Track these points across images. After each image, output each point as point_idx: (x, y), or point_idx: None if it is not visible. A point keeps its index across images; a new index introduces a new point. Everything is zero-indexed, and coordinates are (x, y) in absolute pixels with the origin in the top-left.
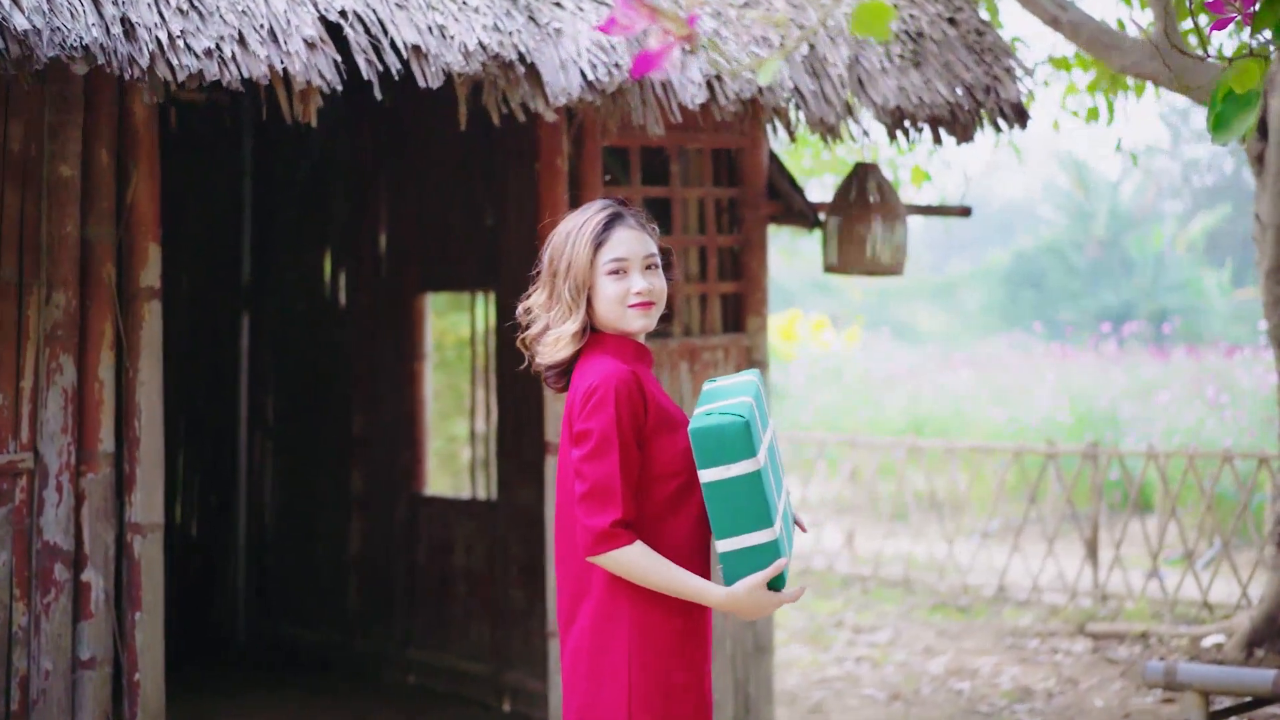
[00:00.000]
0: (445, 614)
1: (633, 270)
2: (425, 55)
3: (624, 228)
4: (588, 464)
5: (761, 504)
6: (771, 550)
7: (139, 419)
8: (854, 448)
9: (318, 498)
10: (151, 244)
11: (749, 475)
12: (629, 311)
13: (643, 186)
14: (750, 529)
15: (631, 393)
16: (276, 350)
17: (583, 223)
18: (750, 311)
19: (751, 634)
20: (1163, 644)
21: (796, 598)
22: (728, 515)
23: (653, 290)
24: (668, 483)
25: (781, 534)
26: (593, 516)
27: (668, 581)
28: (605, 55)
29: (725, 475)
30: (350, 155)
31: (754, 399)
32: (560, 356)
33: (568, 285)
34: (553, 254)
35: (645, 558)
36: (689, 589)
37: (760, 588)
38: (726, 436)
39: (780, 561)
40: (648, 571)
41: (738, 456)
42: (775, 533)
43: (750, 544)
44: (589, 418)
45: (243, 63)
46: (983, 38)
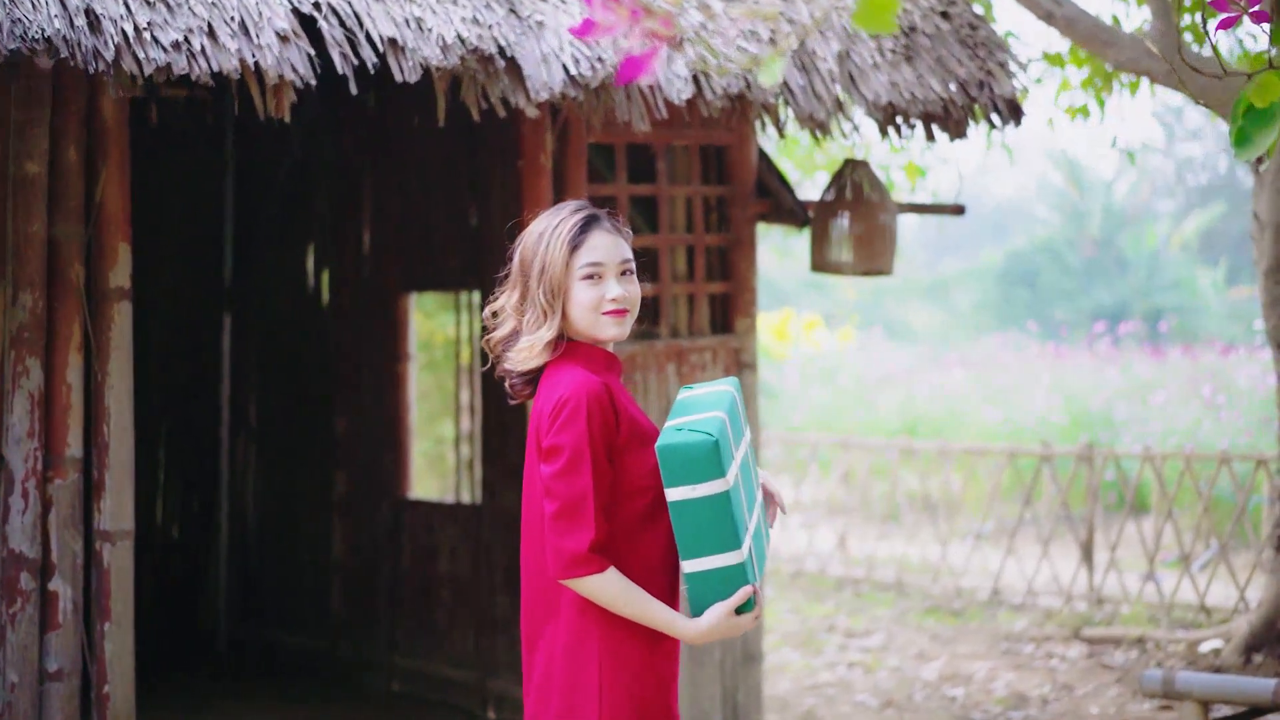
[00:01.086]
0: (429, 620)
1: (608, 276)
2: (402, 49)
3: (600, 231)
4: (559, 482)
5: (729, 526)
6: (738, 574)
7: (108, 423)
8: (847, 449)
9: (301, 501)
10: (121, 243)
11: (717, 496)
12: (603, 319)
13: (629, 184)
14: (717, 550)
15: (603, 406)
16: (259, 351)
17: (556, 224)
18: (739, 312)
19: (740, 642)
20: (1159, 649)
21: (758, 619)
22: (694, 535)
23: (628, 297)
24: (639, 498)
25: (750, 556)
26: (565, 538)
27: (639, 611)
28: (588, 50)
29: (692, 495)
30: (334, 153)
31: (727, 413)
32: (532, 364)
33: (542, 289)
34: (524, 255)
35: (618, 586)
36: (659, 619)
37: (729, 614)
38: (694, 456)
39: (746, 589)
40: (619, 600)
41: (705, 476)
42: (743, 555)
43: (716, 566)
44: (560, 432)
45: (212, 56)
46: (976, 32)
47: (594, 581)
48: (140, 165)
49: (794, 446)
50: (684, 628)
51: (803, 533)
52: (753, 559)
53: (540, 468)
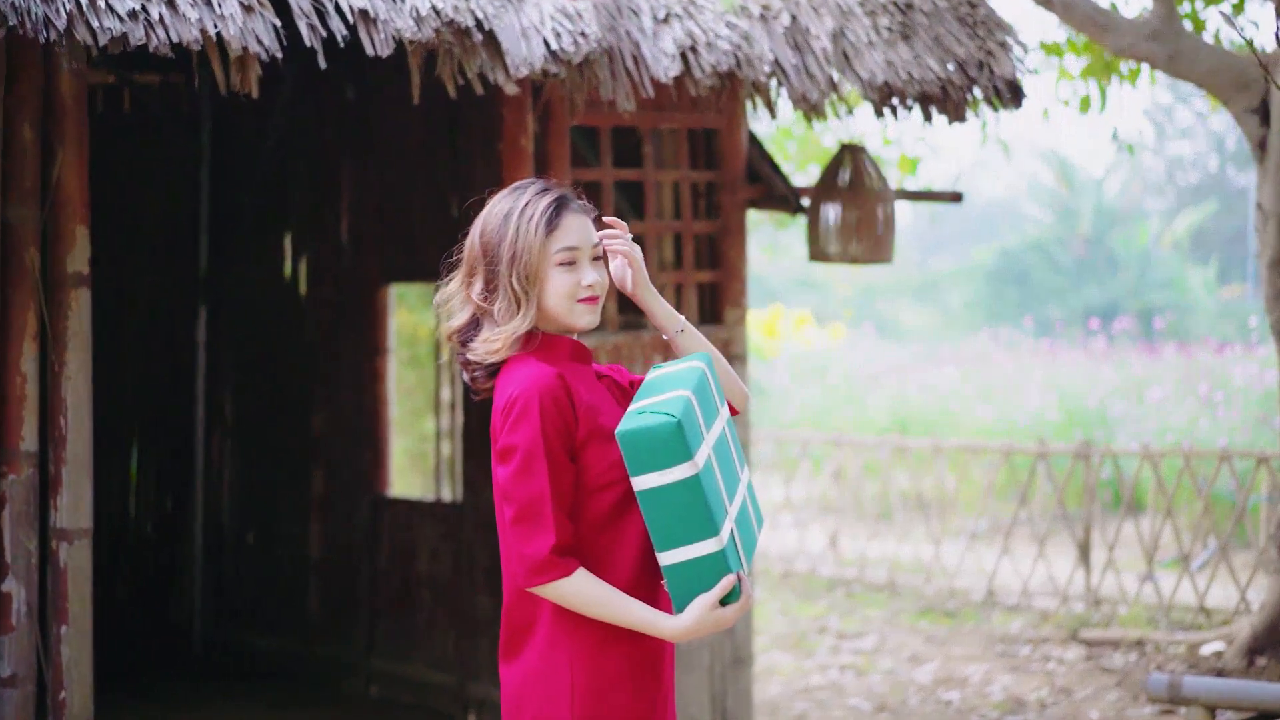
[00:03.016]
0: (409, 622)
1: (582, 261)
2: (373, 20)
3: (572, 213)
4: (514, 484)
5: (703, 511)
6: (717, 562)
7: (65, 416)
8: (839, 447)
9: (277, 498)
10: (79, 226)
11: (687, 481)
12: (578, 307)
13: (614, 169)
14: (693, 539)
15: (558, 399)
16: (235, 345)
17: (525, 204)
18: (728, 302)
19: (730, 644)
20: (1159, 651)
21: (747, 606)
22: (667, 525)
23: (602, 284)
24: (605, 495)
25: (731, 542)
26: (526, 544)
27: (615, 612)
28: (570, 23)
29: (660, 482)
30: (312, 140)
31: (694, 391)
32: (498, 358)
33: (515, 276)
34: (488, 238)
35: (589, 586)
36: (638, 619)
37: (712, 607)
38: (658, 439)
39: (728, 579)
40: (592, 601)
41: (671, 460)
42: (722, 542)
43: (694, 555)
44: (511, 432)
45: (171, 26)
46: (976, 10)
47: (562, 586)
48: (113, 154)
49: (784, 444)
50: (666, 626)
51: (793, 532)
52: (736, 544)
53: (496, 470)
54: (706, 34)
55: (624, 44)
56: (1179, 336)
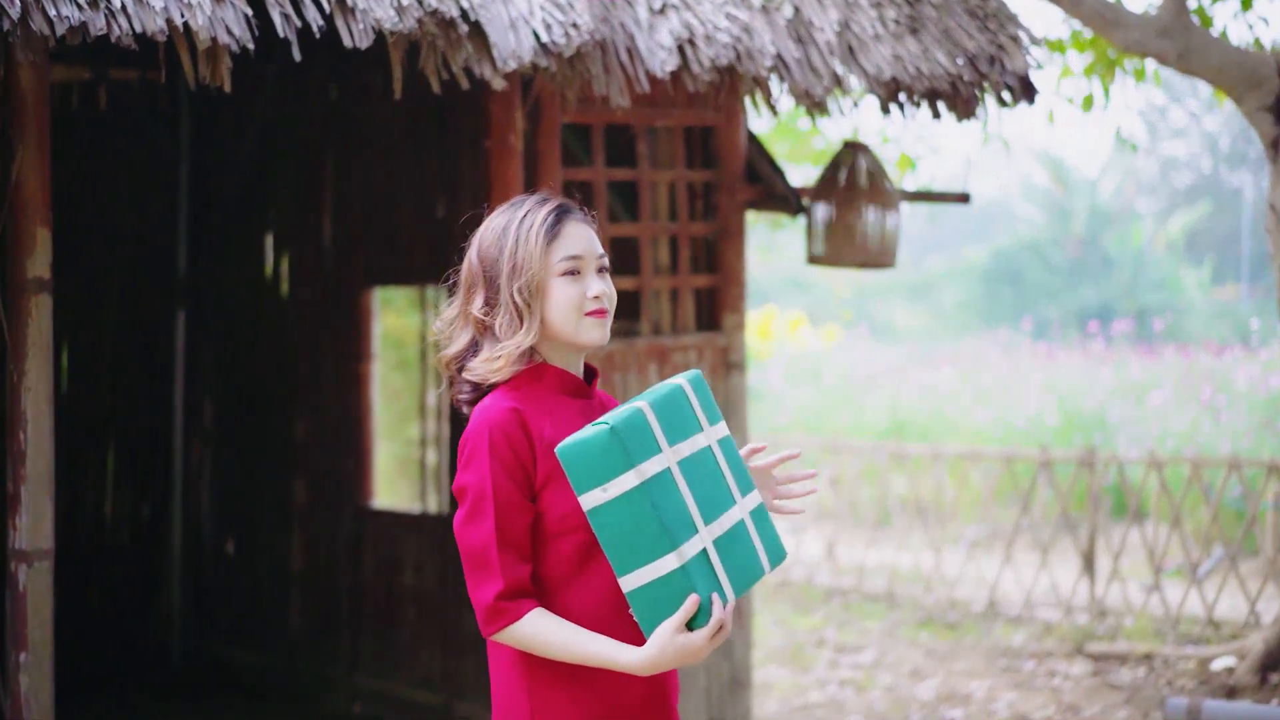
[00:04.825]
0: (393, 638)
1: (587, 271)
2: (351, 10)
3: (574, 221)
4: (464, 530)
5: (654, 526)
6: (678, 581)
7: (25, 430)
8: (835, 452)
9: (258, 508)
10: (40, 229)
11: (631, 493)
12: (585, 320)
13: (607, 168)
14: (649, 558)
15: (510, 436)
16: (215, 349)
17: (523, 215)
18: (726, 308)
19: (728, 666)
20: (1168, 667)
21: (722, 634)
22: (621, 547)
23: (608, 295)
24: (565, 542)
25: (702, 563)
26: (476, 592)
27: (575, 651)
28: (561, 14)
29: (603, 499)
30: (294, 138)
31: (653, 403)
32: (500, 377)
33: (517, 288)
34: (486, 253)
35: (545, 628)
36: (597, 655)
37: (676, 632)
38: (593, 452)
39: (691, 600)
40: (549, 643)
41: (611, 473)
42: (682, 558)
43: (654, 576)
44: (462, 472)
45: (135, 15)
46: (986, 2)
47: (515, 632)
48: (89, 152)
49: (779, 449)
50: (626, 659)
51: (789, 539)
52: (714, 568)
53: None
54: (705, 26)
55: (618, 36)
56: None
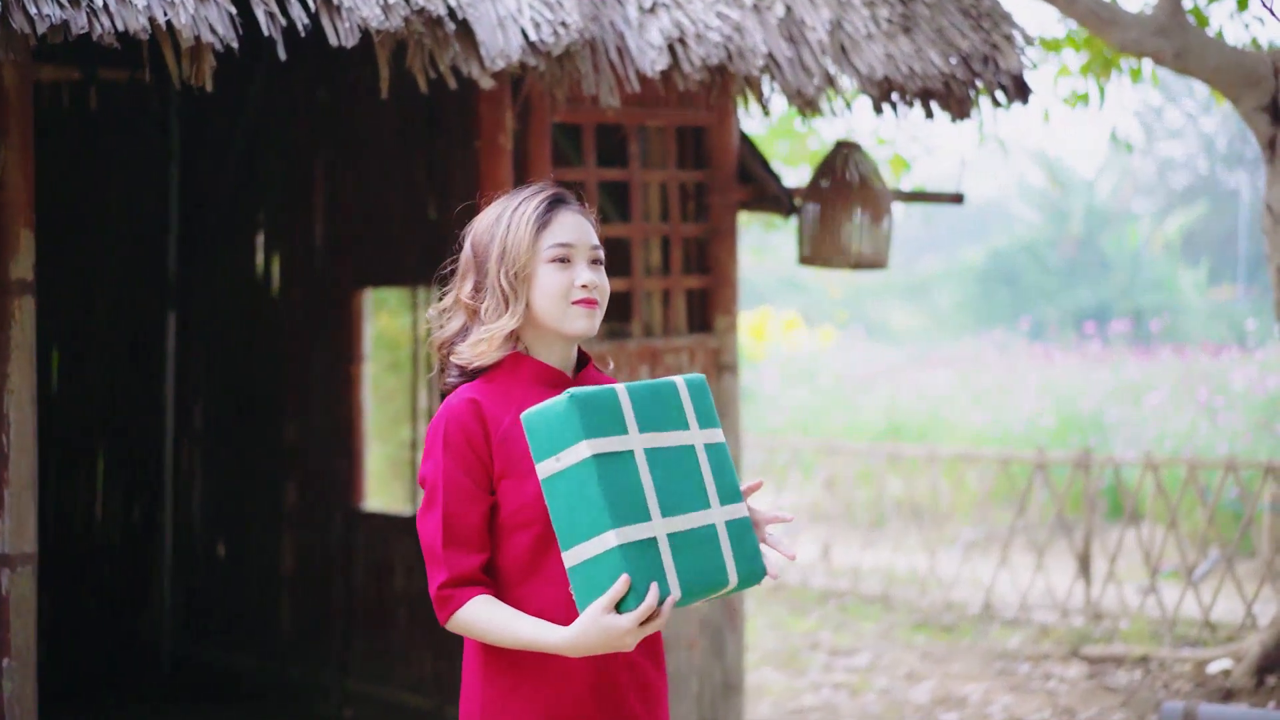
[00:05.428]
0: (385, 642)
1: (578, 260)
2: (337, 8)
3: (568, 211)
4: (419, 522)
5: (599, 501)
6: (612, 560)
7: (7, 434)
8: (830, 453)
9: (249, 511)
10: (24, 230)
11: (579, 465)
12: (572, 309)
13: (598, 168)
14: (589, 534)
15: (466, 428)
16: (206, 351)
17: (518, 203)
18: (718, 309)
19: (719, 670)
20: (1164, 669)
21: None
22: (566, 521)
23: (600, 286)
24: (522, 535)
25: (647, 551)
26: (429, 581)
27: (509, 635)
28: (550, 13)
29: (555, 468)
30: (285, 138)
31: (629, 389)
32: (488, 360)
33: (503, 272)
34: (478, 240)
35: (482, 613)
36: (527, 637)
37: (605, 613)
38: (551, 420)
39: (621, 580)
40: (489, 629)
41: (565, 443)
42: (622, 538)
43: (591, 553)
44: (422, 465)
45: (117, 14)
46: (980, 1)
47: (459, 619)
48: (80, 152)
49: (774, 451)
50: (552, 638)
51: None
52: (662, 559)
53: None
54: (696, 25)
55: (608, 35)
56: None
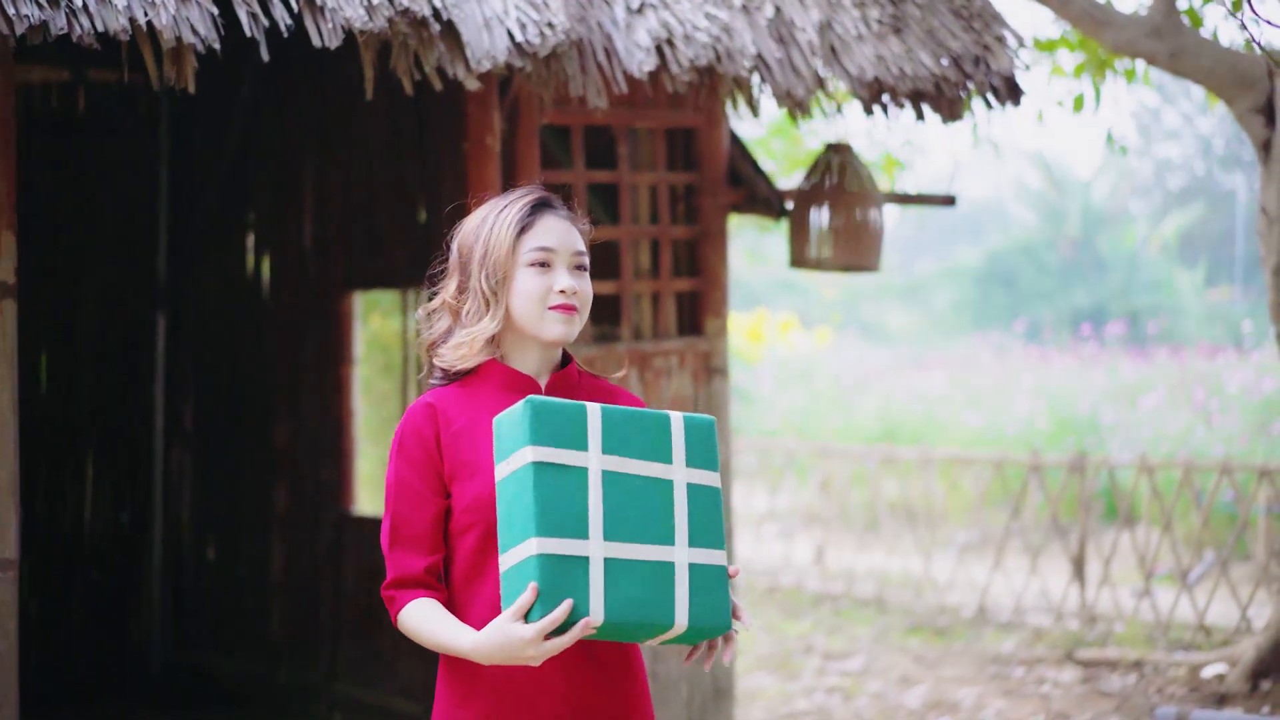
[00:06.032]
0: (375, 646)
1: (558, 265)
2: (320, 9)
3: (552, 215)
4: (381, 526)
5: (529, 508)
6: (527, 569)
7: None
8: (825, 456)
9: (239, 515)
10: (4, 231)
11: (523, 470)
12: (549, 314)
13: (587, 170)
14: (516, 541)
15: (419, 431)
16: (195, 353)
17: (503, 206)
18: (709, 312)
19: (710, 675)
20: (1159, 673)
21: (556, 625)
22: (505, 525)
23: (579, 293)
24: (468, 536)
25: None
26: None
27: (434, 637)
28: (536, 13)
29: (505, 472)
30: (275, 139)
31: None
32: (469, 363)
33: (484, 275)
34: (464, 242)
35: (418, 614)
36: (445, 639)
37: (510, 622)
38: (510, 423)
39: (530, 589)
40: (420, 631)
41: (515, 446)
42: (543, 548)
43: (514, 561)
44: (388, 467)
45: (97, 14)
46: (971, 2)
47: (401, 620)
48: (68, 153)
49: (769, 453)
50: (461, 641)
51: (779, 544)
52: (588, 577)
53: None
54: (684, 25)
55: (595, 36)
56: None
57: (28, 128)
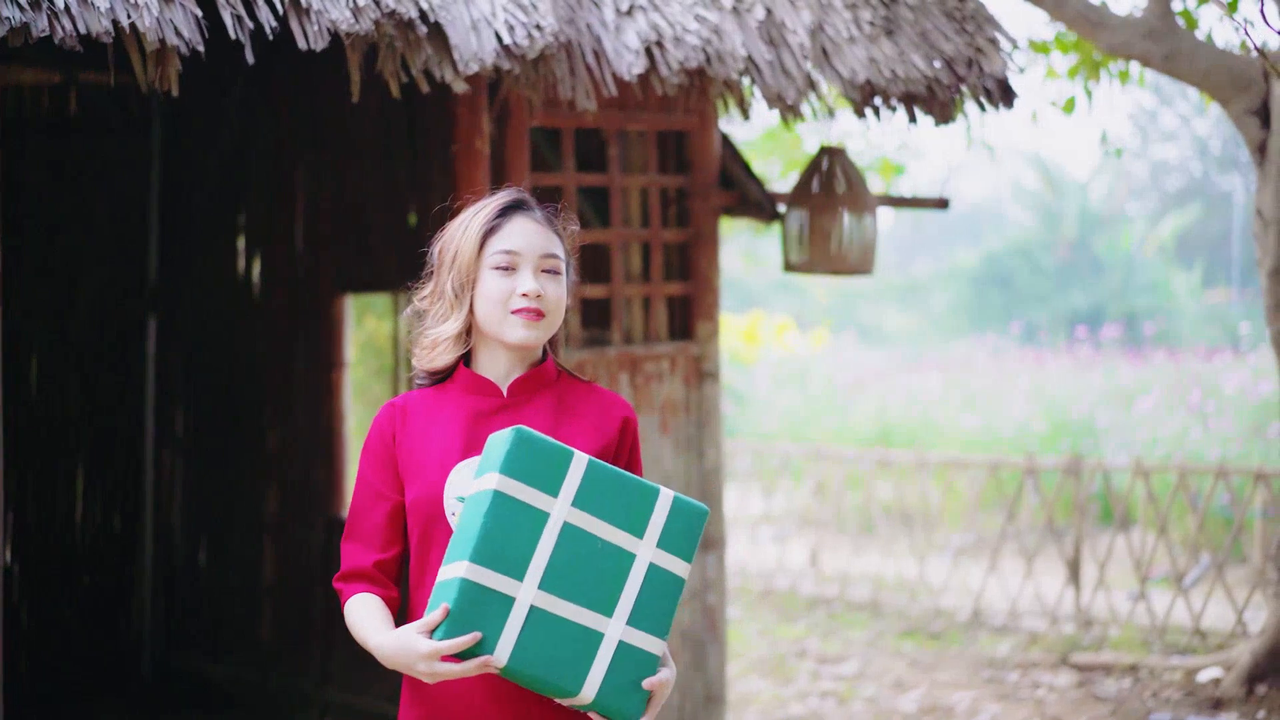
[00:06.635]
0: (366, 651)
1: (523, 267)
2: (306, 10)
3: (523, 217)
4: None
5: (474, 531)
6: (449, 589)
7: None
8: (820, 459)
9: (230, 519)
10: None
11: (483, 493)
12: (510, 318)
13: (577, 173)
14: (454, 557)
15: (381, 430)
16: (187, 357)
17: (478, 208)
18: (700, 316)
19: (701, 681)
20: (1154, 678)
21: (455, 651)
22: (455, 538)
23: (545, 297)
24: (412, 536)
25: (495, 599)
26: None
27: (359, 634)
28: (525, 15)
29: (474, 488)
30: (267, 141)
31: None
32: (437, 364)
33: (451, 278)
34: (441, 245)
35: (352, 609)
36: (361, 635)
37: (417, 633)
38: (495, 445)
39: (441, 608)
40: (351, 625)
41: (488, 468)
42: (469, 572)
43: (445, 577)
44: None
45: (79, 16)
46: (964, 4)
47: (344, 614)
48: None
49: (764, 456)
50: (371, 641)
51: (773, 547)
52: (507, 617)
53: None
54: (674, 27)
55: (584, 38)
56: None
57: (20, 130)
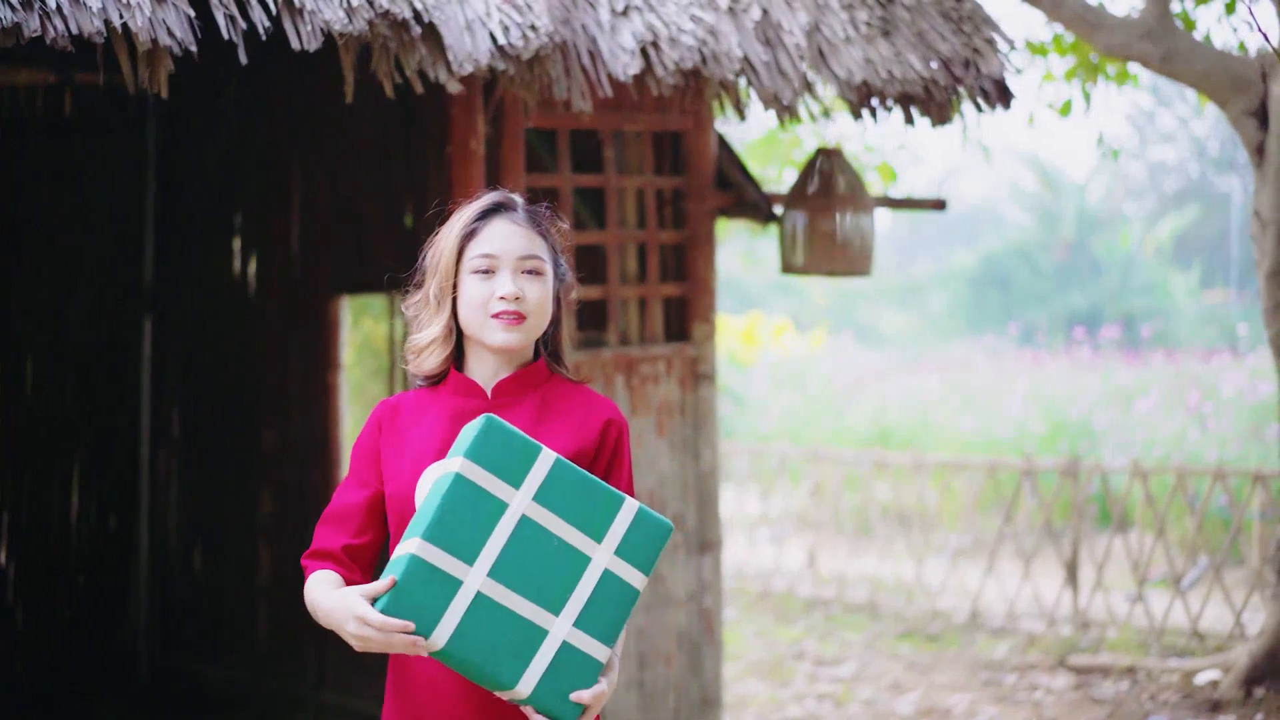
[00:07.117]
0: (360, 654)
1: (502, 270)
2: (299, 11)
3: (502, 220)
4: None
5: (431, 510)
6: (399, 564)
7: None
8: (817, 460)
9: (226, 520)
10: None
11: (446, 475)
12: (490, 321)
13: (573, 174)
14: (411, 534)
15: (370, 424)
16: (183, 358)
17: (460, 213)
18: (696, 317)
19: (697, 684)
20: (1152, 680)
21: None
22: (416, 515)
23: (524, 299)
24: (391, 532)
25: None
26: None
27: (311, 601)
28: (519, 16)
29: (439, 470)
30: (262, 143)
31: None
32: (426, 367)
33: (435, 282)
34: (430, 247)
35: (309, 586)
36: (312, 599)
37: (359, 597)
38: (467, 431)
39: (387, 579)
40: (307, 596)
41: (457, 451)
42: (418, 550)
43: (399, 551)
44: None
45: (71, 16)
46: (961, 5)
47: (306, 590)
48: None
49: (762, 457)
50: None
51: (771, 549)
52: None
53: None
54: (669, 28)
55: (579, 38)
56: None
57: (17, 131)
